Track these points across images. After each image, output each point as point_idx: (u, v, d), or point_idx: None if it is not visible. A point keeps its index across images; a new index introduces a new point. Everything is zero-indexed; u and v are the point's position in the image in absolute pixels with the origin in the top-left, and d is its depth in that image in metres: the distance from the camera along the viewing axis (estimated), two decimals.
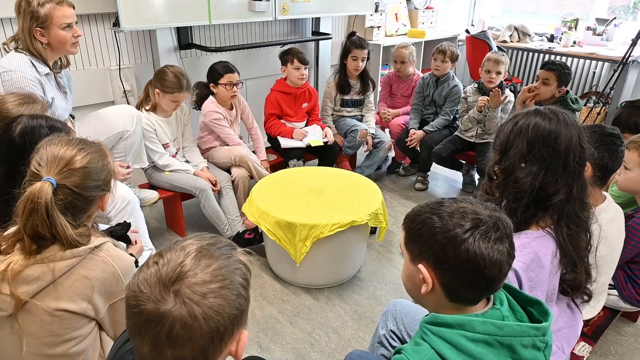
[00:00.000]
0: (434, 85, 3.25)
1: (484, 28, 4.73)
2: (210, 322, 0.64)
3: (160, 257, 0.68)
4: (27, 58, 1.85)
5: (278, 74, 3.07)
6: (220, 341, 0.66)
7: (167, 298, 0.63)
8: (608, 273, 1.57)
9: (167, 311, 0.63)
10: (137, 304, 0.64)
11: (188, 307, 0.63)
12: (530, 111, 1.21)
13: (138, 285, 0.65)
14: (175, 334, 0.63)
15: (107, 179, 1.13)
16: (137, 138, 2.22)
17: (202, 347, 0.64)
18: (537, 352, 0.86)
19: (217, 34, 3.11)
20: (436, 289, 0.88)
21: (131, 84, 2.79)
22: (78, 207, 1.07)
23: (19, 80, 1.78)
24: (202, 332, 0.64)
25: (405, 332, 1.36)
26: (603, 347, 1.91)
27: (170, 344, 0.63)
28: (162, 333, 0.63)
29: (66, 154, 1.06)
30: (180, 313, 0.63)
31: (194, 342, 0.64)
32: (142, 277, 0.66)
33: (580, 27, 4.53)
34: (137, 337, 0.65)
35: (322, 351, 1.89)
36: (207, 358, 0.66)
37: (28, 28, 1.83)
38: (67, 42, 1.91)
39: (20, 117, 1.36)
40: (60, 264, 1.02)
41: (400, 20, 4.31)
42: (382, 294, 2.24)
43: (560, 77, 2.63)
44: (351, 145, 3.16)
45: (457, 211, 0.86)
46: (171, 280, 0.64)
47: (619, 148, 1.55)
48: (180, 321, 0.62)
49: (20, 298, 0.99)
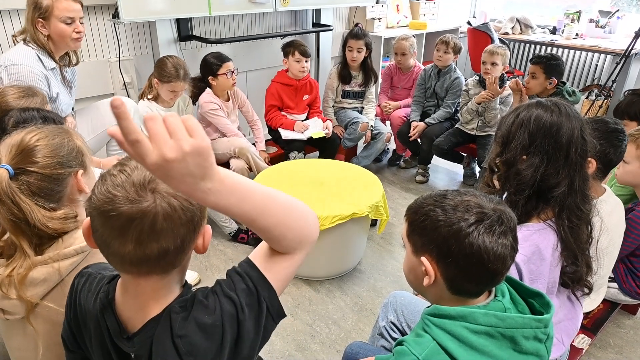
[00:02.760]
0: (435, 77, 3.24)
1: (486, 20, 4.70)
2: (187, 212, 0.69)
3: (124, 166, 0.70)
4: (34, 52, 1.85)
5: (279, 65, 3.06)
6: (194, 231, 0.72)
7: (145, 196, 0.67)
8: (608, 265, 1.57)
9: (148, 207, 0.66)
10: (114, 208, 0.66)
11: (167, 200, 0.68)
12: (532, 103, 1.20)
13: (109, 192, 0.67)
14: (159, 226, 0.67)
15: (72, 155, 1.08)
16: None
17: (182, 237, 0.70)
18: (538, 344, 0.86)
19: (217, 25, 3.09)
20: (438, 281, 0.88)
21: (131, 76, 2.78)
22: (47, 189, 1.02)
23: (26, 74, 1.78)
24: (182, 221, 0.69)
25: (406, 324, 1.36)
26: (602, 339, 1.92)
27: (155, 236, 0.67)
28: (146, 228, 0.66)
29: (18, 138, 1.03)
30: (162, 206, 0.67)
31: (175, 232, 0.69)
32: (110, 185, 0.68)
33: (582, 19, 4.50)
34: (118, 239, 0.67)
35: (323, 342, 1.90)
36: (185, 248, 0.72)
37: (31, 18, 1.84)
38: (67, 36, 1.89)
39: (11, 111, 1.34)
40: (65, 262, 1.00)
41: (402, 11, 4.28)
42: (383, 286, 2.24)
43: (547, 69, 2.61)
44: (351, 137, 3.15)
45: (461, 204, 0.85)
46: (146, 180, 0.68)
47: (623, 143, 1.55)
48: (162, 214, 0.67)
49: (30, 301, 0.99)
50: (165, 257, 0.70)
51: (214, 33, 3.08)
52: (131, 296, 0.76)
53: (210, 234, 0.77)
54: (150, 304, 0.74)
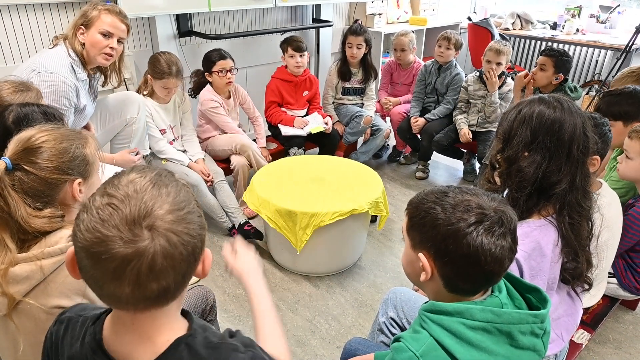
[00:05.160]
0: (436, 73, 3.23)
1: (486, 15, 4.68)
2: (187, 246, 0.65)
3: (111, 198, 0.64)
4: (69, 61, 1.85)
5: (278, 61, 3.05)
6: (195, 262, 0.69)
7: (142, 234, 0.62)
8: (609, 258, 1.57)
9: (145, 247, 0.61)
10: (106, 250, 0.61)
11: (166, 237, 0.63)
12: (534, 99, 1.19)
13: (98, 231, 0.61)
14: (159, 265, 0.62)
15: (75, 163, 1.06)
16: (141, 124, 2.25)
17: (183, 272, 0.66)
18: (535, 339, 0.86)
19: (217, 21, 3.08)
20: (435, 278, 0.88)
21: (130, 72, 2.77)
22: (38, 191, 1.01)
23: (58, 85, 1.78)
24: (182, 257, 0.65)
25: (405, 320, 1.37)
26: (602, 334, 1.92)
27: (154, 277, 0.63)
28: (144, 269, 0.62)
29: (27, 135, 1.02)
30: (161, 244, 0.62)
31: (175, 269, 0.65)
32: (97, 221, 0.62)
33: (583, 15, 4.48)
34: (114, 282, 0.62)
35: (323, 338, 1.90)
36: (186, 281, 0.70)
37: (75, 24, 1.85)
38: (98, 48, 1.87)
39: (10, 106, 1.34)
40: (48, 261, 0.99)
41: (402, 7, 4.26)
42: (382, 282, 2.25)
43: (558, 63, 2.60)
44: (354, 131, 3.15)
45: (461, 204, 0.85)
46: (140, 216, 0.62)
47: (608, 135, 1.58)
48: (161, 252, 0.62)
49: (13, 297, 0.97)
50: (166, 295, 0.66)
51: (213, 29, 3.07)
52: (127, 330, 0.70)
53: (210, 259, 0.74)
54: (152, 332, 0.70)
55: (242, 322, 1.98)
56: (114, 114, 2.18)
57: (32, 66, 1.79)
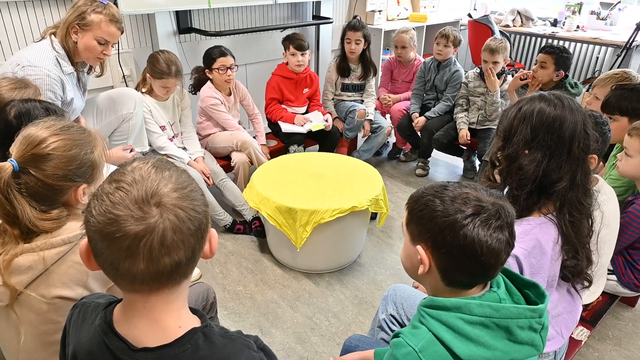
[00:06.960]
0: (435, 70, 3.22)
1: (487, 12, 4.67)
2: (194, 221, 0.69)
3: (119, 183, 0.68)
4: (54, 55, 1.84)
5: (278, 58, 3.04)
6: (202, 238, 0.72)
7: (150, 211, 0.66)
8: (608, 254, 1.58)
9: (155, 222, 0.65)
10: (119, 229, 0.64)
11: (174, 212, 0.67)
12: (534, 97, 1.19)
13: (110, 212, 0.65)
14: (169, 240, 0.66)
15: (82, 169, 1.07)
16: (138, 120, 2.24)
17: (192, 246, 0.70)
18: (533, 334, 0.86)
19: (217, 18, 3.07)
20: (433, 271, 0.88)
21: (130, 68, 2.77)
22: (42, 195, 1.02)
23: (42, 78, 1.78)
24: (190, 231, 0.69)
25: (405, 317, 1.37)
26: (601, 331, 1.93)
27: (166, 251, 0.66)
28: (156, 243, 0.65)
29: (37, 138, 1.01)
30: (169, 219, 0.66)
31: (185, 243, 0.68)
32: (108, 205, 0.66)
33: (584, 11, 4.47)
34: (128, 259, 0.66)
35: (323, 335, 1.91)
36: (195, 257, 0.72)
37: (69, 22, 1.84)
38: (93, 53, 1.91)
39: (12, 101, 1.34)
40: (51, 251, 1.00)
41: (402, 4, 4.25)
42: (382, 279, 2.25)
43: (558, 60, 2.60)
44: (350, 127, 3.15)
45: (459, 196, 0.86)
46: (148, 195, 0.66)
47: (608, 134, 1.58)
48: (171, 227, 0.66)
49: (15, 288, 0.98)
50: (178, 270, 0.70)
51: (213, 25, 3.07)
52: (139, 314, 0.72)
53: (216, 238, 0.77)
54: (163, 316, 0.72)
55: (242, 319, 1.98)
56: (110, 110, 2.17)
57: (17, 60, 1.80)
